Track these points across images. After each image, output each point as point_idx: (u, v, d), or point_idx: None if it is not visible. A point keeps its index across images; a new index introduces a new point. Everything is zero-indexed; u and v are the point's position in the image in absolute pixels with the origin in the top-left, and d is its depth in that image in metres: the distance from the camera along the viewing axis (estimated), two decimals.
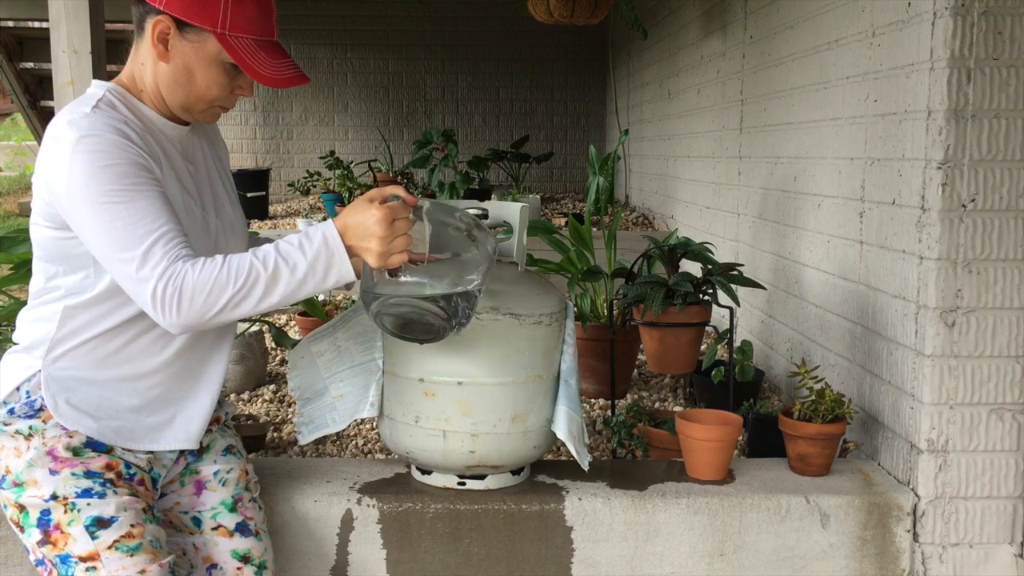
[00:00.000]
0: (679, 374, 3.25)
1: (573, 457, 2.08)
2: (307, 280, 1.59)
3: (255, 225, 6.27)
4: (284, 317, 4.66)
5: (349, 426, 2.98)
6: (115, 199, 1.54)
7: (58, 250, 1.67)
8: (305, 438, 2.15)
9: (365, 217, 1.60)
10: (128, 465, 1.73)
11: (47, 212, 1.64)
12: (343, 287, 2.02)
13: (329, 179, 7.67)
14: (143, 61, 1.71)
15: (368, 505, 2.10)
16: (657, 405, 3.29)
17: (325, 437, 2.94)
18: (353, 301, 3.92)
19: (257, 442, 2.79)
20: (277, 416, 3.19)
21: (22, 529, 1.68)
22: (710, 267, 2.81)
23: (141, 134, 1.65)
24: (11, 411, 1.69)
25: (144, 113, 1.72)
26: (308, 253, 1.59)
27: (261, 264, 1.57)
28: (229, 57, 1.66)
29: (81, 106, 1.63)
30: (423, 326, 1.77)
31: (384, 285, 1.71)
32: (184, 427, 1.81)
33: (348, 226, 1.61)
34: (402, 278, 1.69)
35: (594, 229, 4.35)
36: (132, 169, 1.57)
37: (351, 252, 1.61)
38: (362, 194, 2.66)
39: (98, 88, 1.70)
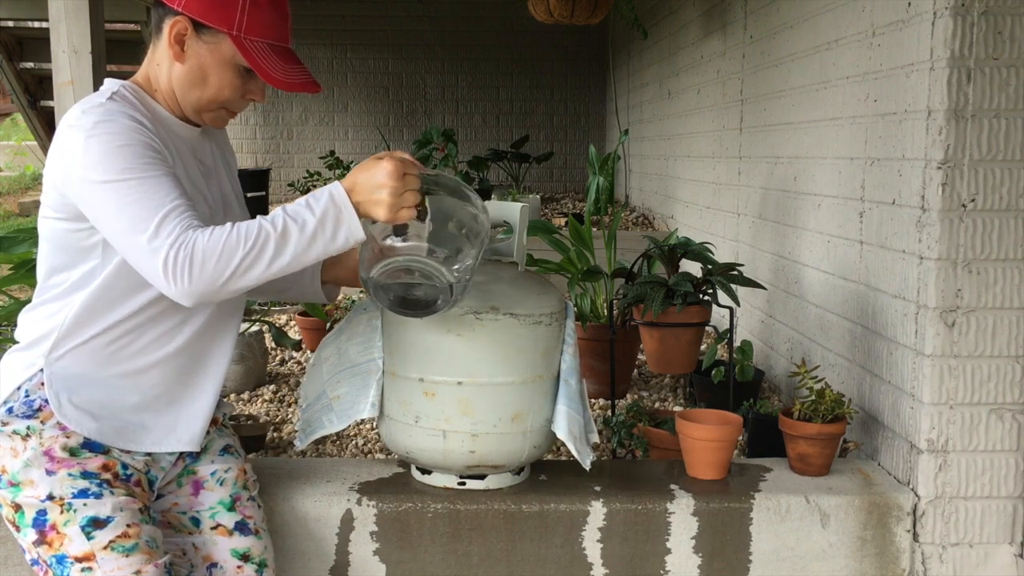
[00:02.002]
0: (679, 374, 3.25)
1: (573, 457, 2.08)
2: (316, 238, 1.59)
3: None
4: (284, 317, 4.66)
5: (349, 426, 2.98)
6: (129, 176, 1.56)
7: (67, 243, 1.68)
8: (302, 443, 2.15)
9: (375, 172, 1.61)
10: (125, 466, 1.73)
11: (59, 203, 1.66)
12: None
13: (329, 179, 7.66)
14: (159, 62, 1.73)
15: (368, 505, 2.10)
16: (657, 405, 3.29)
17: (325, 437, 2.94)
18: (354, 301, 3.92)
19: (257, 442, 2.79)
20: (277, 416, 3.19)
21: (18, 529, 1.68)
22: (710, 267, 2.80)
23: (154, 127, 1.67)
24: (10, 410, 1.69)
25: (157, 111, 1.74)
26: (316, 211, 1.59)
27: (270, 224, 1.57)
28: (243, 60, 1.69)
29: (96, 97, 1.67)
30: (422, 302, 1.79)
31: (385, 254, 1.73)
32: (187, 428, 1.81)
33: (357, 183, 1.62)
34: (399, 244, 1.70)
35: (594, 229, 4.34)
36: (144, 150, 1.60)
37: (359, 210, 1.61)
38: None
39: (113, 83, 1.73)
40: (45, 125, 6.98)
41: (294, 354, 3.99)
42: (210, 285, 1.55)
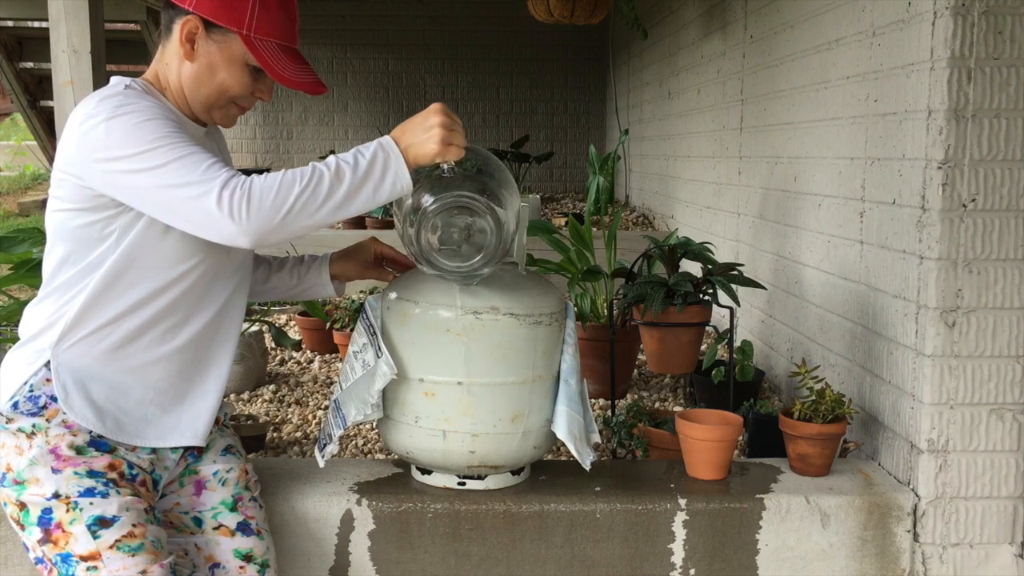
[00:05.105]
0: (679, 374, 3.25)
1: (573, 457, 2.08)
2: (367, 180, 1.64)
3: None
4: (284, 317, 4.66)
5: (349, 427, 2.97)
6: (162, 143, 1.59)
7: (80, 235, 1.69)
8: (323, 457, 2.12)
9: (424, 114, 1.71)
10: (131, 465, 1.73)
11: (76, 194, 1.66)
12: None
13: None
14: (168, 61, 1.76)
15: (368, 505, 2.10)
16: (657, 405, 3.29)
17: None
18: (353, 301, 3.92)
19: (257, 442, 2.79)
20: (277, 416, 3.18)
21: (22, 527, 1.68)
22: (710, 267, 2.80)
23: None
24: (15, 405, 1.69)
25: (167, 106, 1.76)
26: (366, 154, 1.67)
27: (323, 165, 1.64)
28: (253, 59, 1.73)
29: (111, 88, 1.69)
30: (469, 260, 1.88)
31: (433, 190, 1.83)
32: (191, 424, 1.82)
33: (405, 130, 1.71)
34: (434, 201, 1.80)
35: (594, 229, 4.35)
36: (169, 124, 1.63)
37: (408, 155, 1.68)
38: None
39: (124, 79, 1.75)
40: (45, 125, 6.98)
41: (294, 354, 3.99)
42: (268, 221, 1.58)
